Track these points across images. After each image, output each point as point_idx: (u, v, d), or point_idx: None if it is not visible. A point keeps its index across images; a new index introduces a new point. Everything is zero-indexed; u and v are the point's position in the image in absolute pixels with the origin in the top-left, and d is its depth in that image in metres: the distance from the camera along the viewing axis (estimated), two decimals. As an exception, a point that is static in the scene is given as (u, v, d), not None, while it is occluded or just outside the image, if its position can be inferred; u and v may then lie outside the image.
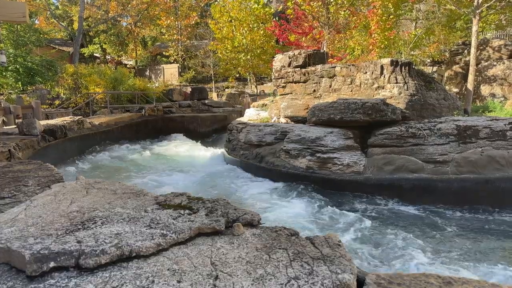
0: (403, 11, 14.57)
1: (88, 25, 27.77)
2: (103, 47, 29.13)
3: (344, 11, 14.22)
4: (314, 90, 10.15)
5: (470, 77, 11.35)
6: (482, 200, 6.10)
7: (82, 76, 18.04)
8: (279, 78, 10.98)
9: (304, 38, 15.94)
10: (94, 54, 29.53)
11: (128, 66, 29.42)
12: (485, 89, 13.17)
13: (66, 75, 17.89)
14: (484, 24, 15.90)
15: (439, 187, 6.36)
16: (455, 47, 15.86)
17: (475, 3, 11.19)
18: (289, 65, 10.74)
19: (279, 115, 10.84)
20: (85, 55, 27.82)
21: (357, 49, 12.86)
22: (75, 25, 27.02)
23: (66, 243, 1.41)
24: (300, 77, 10.43)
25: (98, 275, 1.29)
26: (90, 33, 28.97)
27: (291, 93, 10.63)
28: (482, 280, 1.37)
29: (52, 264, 1.30)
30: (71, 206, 1.90)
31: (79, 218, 1.71)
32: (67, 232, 1.54)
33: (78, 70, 18.38)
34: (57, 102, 16.58)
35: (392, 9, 12.39)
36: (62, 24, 28.17)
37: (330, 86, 9.89)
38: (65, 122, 10.18)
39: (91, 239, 1.46)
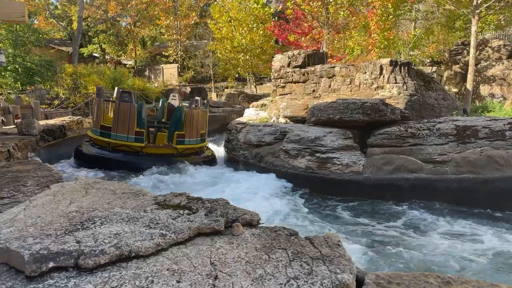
0: (402, 11, 14.57)
1: (87, 25, 27.74)
2: (102, 47, 29.11)
3: (344, 11, 14.22)
4: (314, 90, 10.14)
5: (469, 77, 11.35)
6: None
7: (81, 76, 18.01)
8: (278, 78, 10.97)
9: (303, 38, 15.95)
10: (93, 54, 29.50)
11: (127, 66, 29.38)
12: (484, 89, 13.16)
13: (65, 75, 17.87)
14: (483, 24, 15.91)
15: (438, 187, 6.36)
16: (454, 47, 15.84)
17: (474, 3, 11.19)
18: (288, 65, 10.74)
19: (279, 115, 10.83)
20: (84, 55, 27.79)
21: (357, 49, 12.86)
22: (74, 25, 27.00)
23: (65, 243, 1.41)
24: (300, 77, 10.43)
25: (98, 275, 1.29)
26: (89, 33, 28.96)
27: (290, 93, 10.62)
28: (481, 280, 1.37)
29: (51, 264, 1.30)
30: (70, 206, 1.89)
31: (78, 218, 1.71)
32: (66, 232, 1.53)
33: (77, 70, 18.36)
34: (56, 102, 16.57)
35: (392, 9, 12.38)
36: (61, 24, 28.15)
37: (330, 86, 9.88)
38: (64, 122, 10.18)
39: (90, 239, 1.46)
